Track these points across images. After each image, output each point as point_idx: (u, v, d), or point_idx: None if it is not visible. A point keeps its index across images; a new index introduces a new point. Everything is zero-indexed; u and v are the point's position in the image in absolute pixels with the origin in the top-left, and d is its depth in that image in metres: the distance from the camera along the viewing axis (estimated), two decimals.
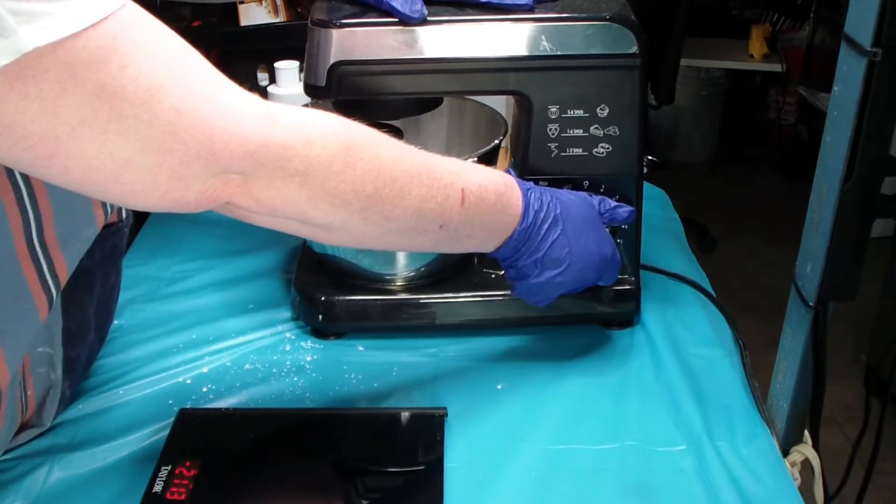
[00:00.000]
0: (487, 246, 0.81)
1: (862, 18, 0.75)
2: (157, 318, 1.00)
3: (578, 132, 0.90)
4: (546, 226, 0.81)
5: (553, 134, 0.90)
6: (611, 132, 0.91)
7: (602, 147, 0.91)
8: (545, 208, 0.81)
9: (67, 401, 0.86)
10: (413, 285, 0.97)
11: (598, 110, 0.90)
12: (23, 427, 0.80)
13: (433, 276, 0.97)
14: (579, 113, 0.90)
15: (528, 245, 0.81)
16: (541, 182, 0.88)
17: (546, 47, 0.87)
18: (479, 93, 0.99)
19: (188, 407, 0.85)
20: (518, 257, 0.82)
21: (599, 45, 0.88)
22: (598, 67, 0.88)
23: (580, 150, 0.91)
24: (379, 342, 0.96)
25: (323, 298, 0.95)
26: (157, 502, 0.73)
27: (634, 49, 0.88)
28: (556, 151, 0.91)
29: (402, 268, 0.96)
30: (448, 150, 1.07)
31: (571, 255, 0.82)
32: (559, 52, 0.87)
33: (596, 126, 0.90)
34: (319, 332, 0.97)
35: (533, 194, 0.81)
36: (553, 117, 0.89)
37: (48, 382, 0.81)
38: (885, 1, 0.73)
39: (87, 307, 0.84)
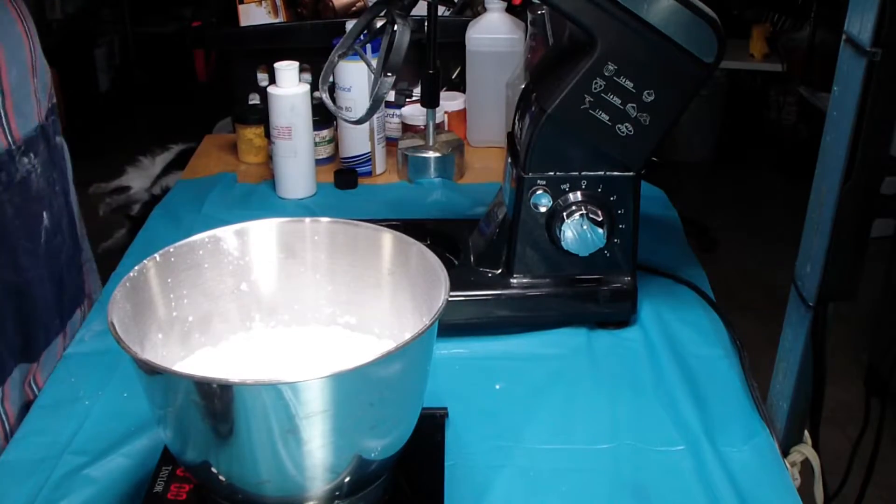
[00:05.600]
0: None
1: (862, 18, 0.75)
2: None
3: (617, 101, 0.90)
4: None
5: (596, 88, 0.89)
6: (642, 118, 0.90)
7: (626, 127, 0.91)
8: None
9: None
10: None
11: (645, 93, 0.90)
12: None
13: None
14: (629, 85, 0.89)
15: None
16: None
17: (643, 7, 0.86)
18: (555, 7, 0.91)
19: None
20: None
21: (684, 37, 0.88)
22: (671, 54, 0.89)
23: (607, 117, 0.91)
24: None
25: None
26: (157, 502, 0.73)
27: (710, 60, 0.89)
28: (588, 105, 0.90)
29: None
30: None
31: None
32: (648, 19, 0.87)
33: (633, 105, 0.90)
34: None
35: None
36: (605, 73, 0.89)
37: None
38: (885, 1, 0.73)
39: None
